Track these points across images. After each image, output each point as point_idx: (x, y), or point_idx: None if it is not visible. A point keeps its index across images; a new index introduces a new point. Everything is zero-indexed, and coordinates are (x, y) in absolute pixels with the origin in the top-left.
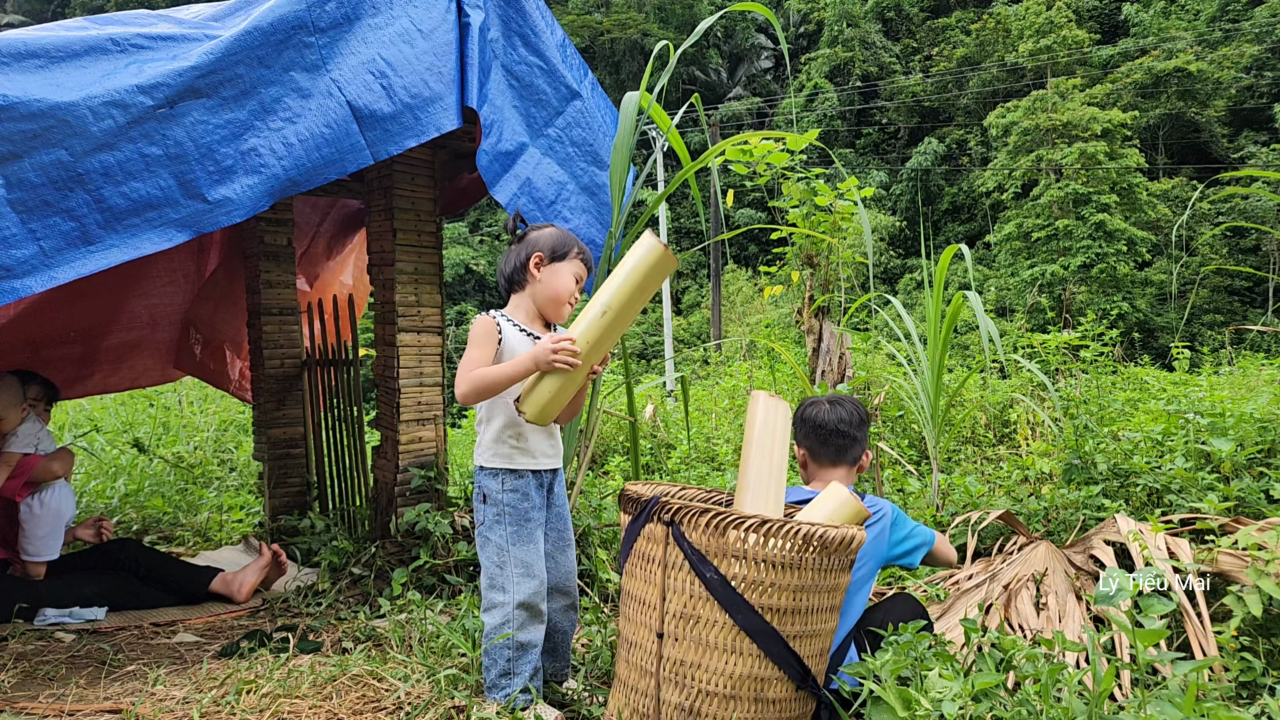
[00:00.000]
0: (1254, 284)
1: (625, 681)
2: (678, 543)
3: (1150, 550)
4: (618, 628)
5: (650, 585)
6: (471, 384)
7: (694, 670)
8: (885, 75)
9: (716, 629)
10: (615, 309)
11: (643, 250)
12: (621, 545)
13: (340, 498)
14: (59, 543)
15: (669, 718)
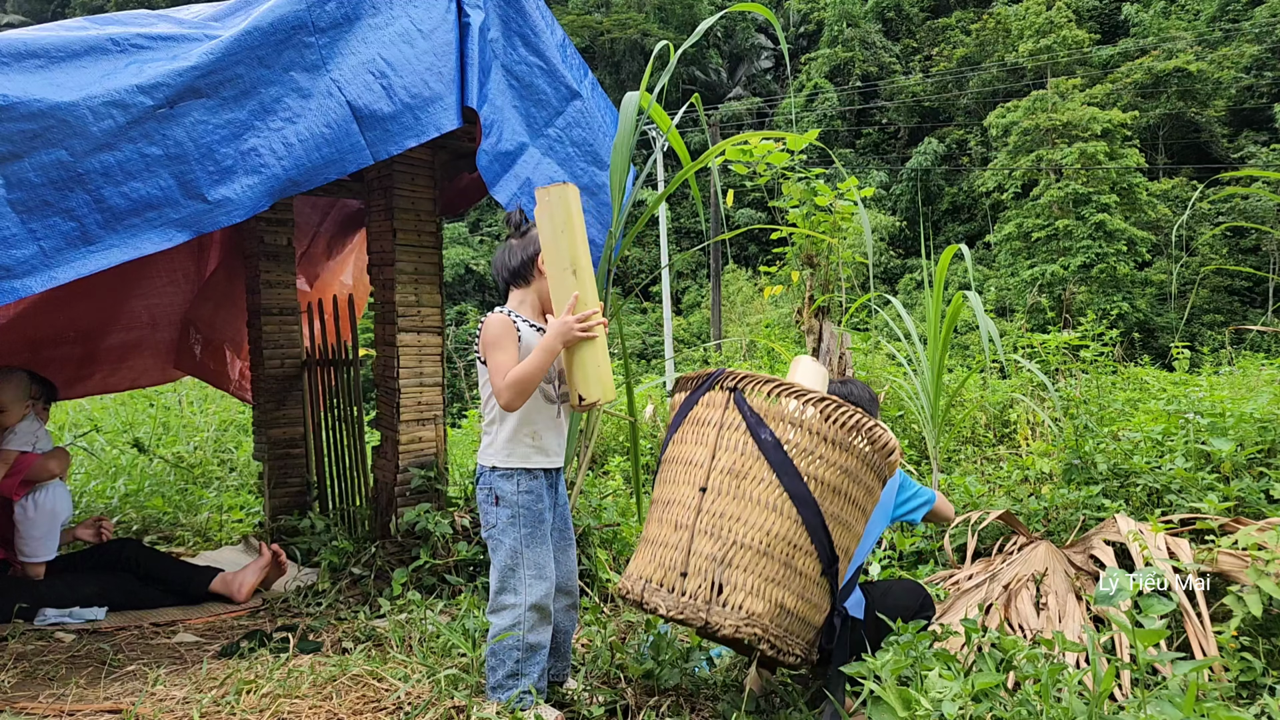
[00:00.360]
0: (1254, 284)
1: (654, 540)
2: (738, 406)
3: (1150, 550)
4: (653, 496)
5: (701, 445)
6: (515, 389)
7: (732, 522)
8: (885, 75)
9: (762, 486)
10: (580, 263)
11: (554, 201)
12: (672, 421)
13: (340, 498)
14: (55, 543)
15: (697, 567)
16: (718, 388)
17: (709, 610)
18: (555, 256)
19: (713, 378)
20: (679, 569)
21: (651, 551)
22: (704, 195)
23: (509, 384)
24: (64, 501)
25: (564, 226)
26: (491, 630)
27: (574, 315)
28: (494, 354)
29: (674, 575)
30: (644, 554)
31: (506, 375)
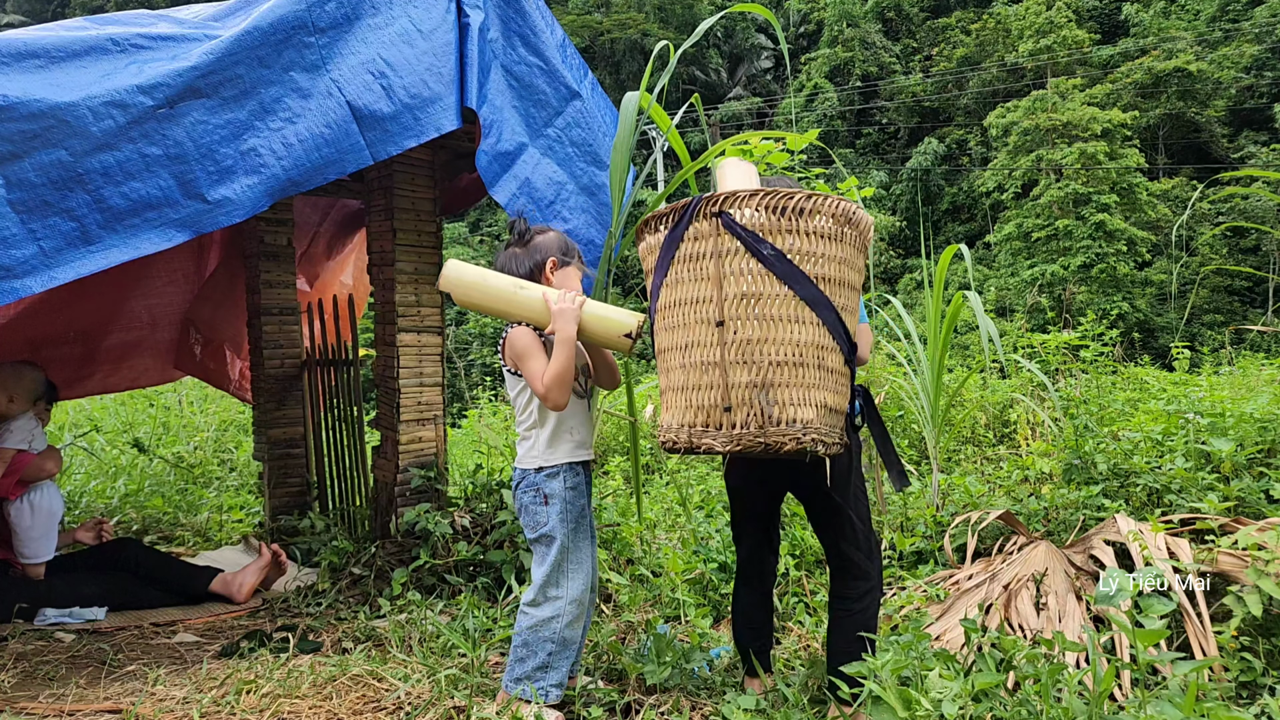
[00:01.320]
0: (1254, 284)
1: (681, 387)
2: (729, 229)
3: (1150, 550)
4: (657, 348)
5: (702, 281)
6: (558, 385)
7: (761, 345)
8: (885, 75)
9: (779, 302)
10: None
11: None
12: (657, 264)
13: (340, 498)
14: (53, 543)
15: (740, 398)
16: (701, 217)
17: (765, 434)
18: (499, 295)
19: (690, 208)
20: (721, 405)
21: (684, 398)
22: None
23: (550, 384)
24: (58, 501)
25: (479, 277)
26: (527, 621)
27: (554, 304)
28: (528, 363)
29: (718, 413)
30: (676, 403)
31: (545, 378)
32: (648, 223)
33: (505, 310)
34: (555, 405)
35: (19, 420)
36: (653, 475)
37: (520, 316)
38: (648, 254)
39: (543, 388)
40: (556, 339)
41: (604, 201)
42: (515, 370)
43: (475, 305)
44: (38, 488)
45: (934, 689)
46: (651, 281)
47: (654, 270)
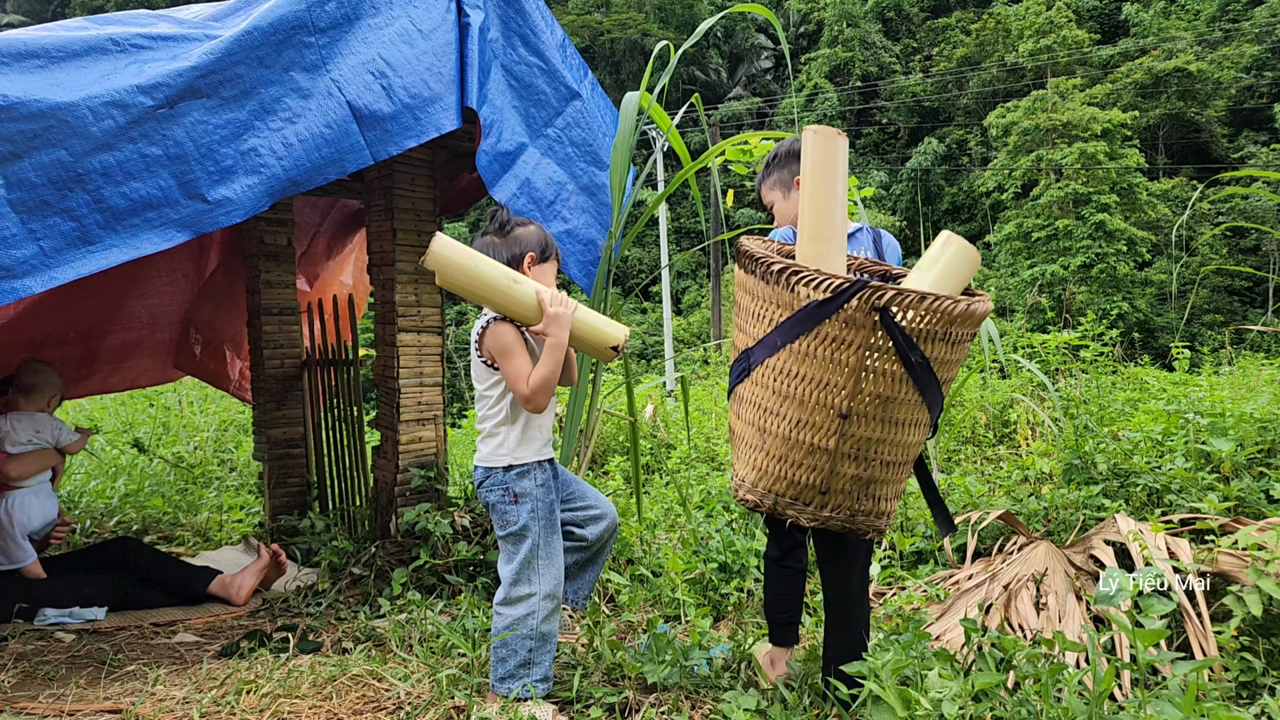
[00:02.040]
0: (1254, 284)
1: (775, 455)
2: (887, 329)
3: (1150, 550)
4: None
5: (838, 367)
6: (544, 390)
7: (877, 445)
8: (885, 75)
9: (908, 407)
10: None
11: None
12: (786, 323)
13: (340, 498)
14: (22, 553)
15: (840, 487)
16: (860, 304)
17: (853, 520)
18: (488, 283)
19: (854, 290)
20: (818, 487)
21: (776, 466)
22: (704, 195)
23: (536, 388)
24: (38, 512)
25: (471, 260)
26: (503, 621)
27: (550, 307)
28: (511, 362)
29: (812, 492)
30: (764, 466)
31: (530, 380)
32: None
33: (491, 300)
34: (537, 408)
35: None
36: (653, 475)
37: (506, 310)
38: (763, 300)
39: (528, 390)
40: (548, 343)
41: (604, 201)
42: (492, 363)
43: (459, 288)
44: (13, 496)
45: (934, 689)
46: (765, 329)
47: (776, 323)
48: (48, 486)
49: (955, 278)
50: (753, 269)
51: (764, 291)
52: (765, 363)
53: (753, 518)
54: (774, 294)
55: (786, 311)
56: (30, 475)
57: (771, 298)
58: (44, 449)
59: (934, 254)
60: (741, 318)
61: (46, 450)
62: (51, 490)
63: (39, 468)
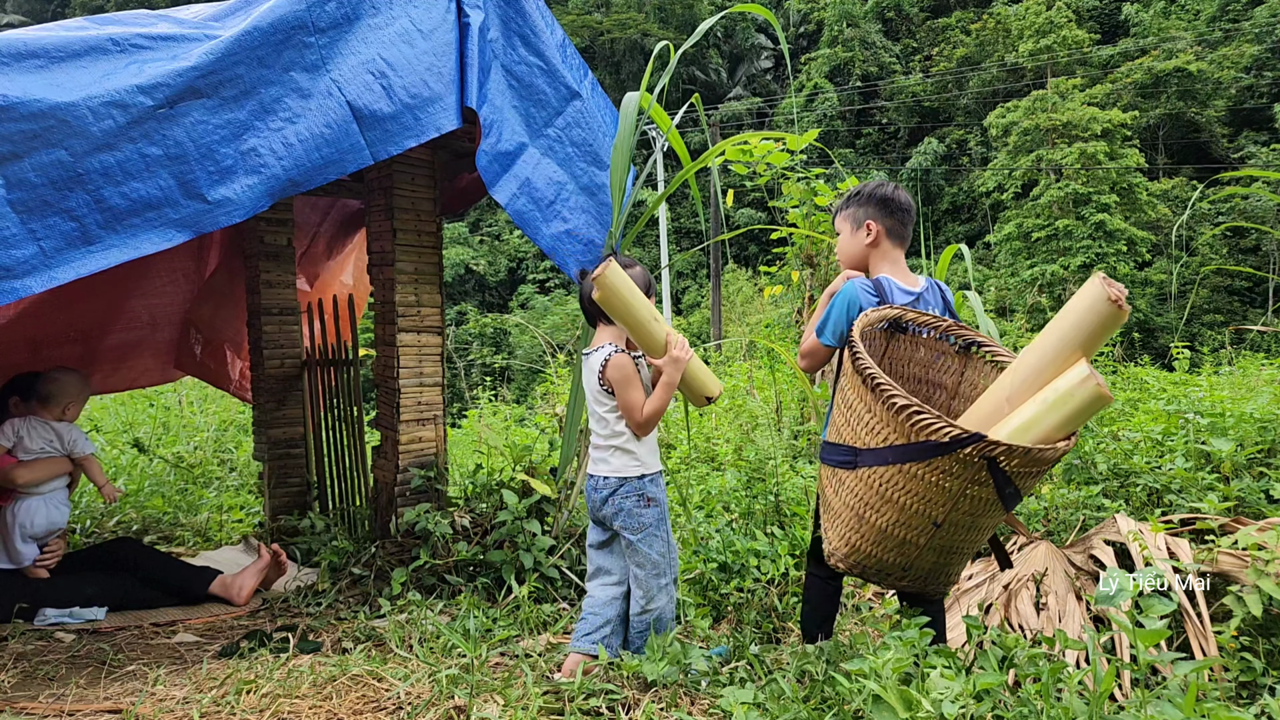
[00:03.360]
0: (1254, 284)
1: (872, 536)
2: (993, 474)
3: (1150, 550)
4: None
5: (941, 492)
6: (654, 420)
7: (962, 542)
8: (885, 75)
9: (991, 520)
10: (653, 312)
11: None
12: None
13: (340, 498)
14: (19, 555)
15: (919, 570)
16: (972, 453)
17: (923, 589)
18: (637, 315)
19: (970, 441)
20: (901, 567)
21: (870, 549)
22: (704, 195)
23: (648, 417)
24: (42, 518)
25: (629, 294)
26: (652, 610)
27: (674, 350)
28: (628, 392)
29: (896, 569)
30: (860, 547)
31: (644, 411)
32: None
33: (633, 327)
34: (645, 433)
35: (9, 421)
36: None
37: (641, 339)
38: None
39: (641, 418)
40: (663, 379)
41: (604, 201)
42: (610, 390)
43: (612, 310)
44: (22, 501)
45: (935, 689)
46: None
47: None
48: (62, 494)
49: (1077, 420)
50: (879, 396)
51: (882, 414)
52: (873, 467)
53: (752, 518)
54: (894, 421)
55: (903, 440)
56: (40, 482)
57: (890, 422)
58: (56, 457)
59: (1066, 390)
60: (852, 415)
61: (58, 458)
62: (66, 498)
63: (49, 475)
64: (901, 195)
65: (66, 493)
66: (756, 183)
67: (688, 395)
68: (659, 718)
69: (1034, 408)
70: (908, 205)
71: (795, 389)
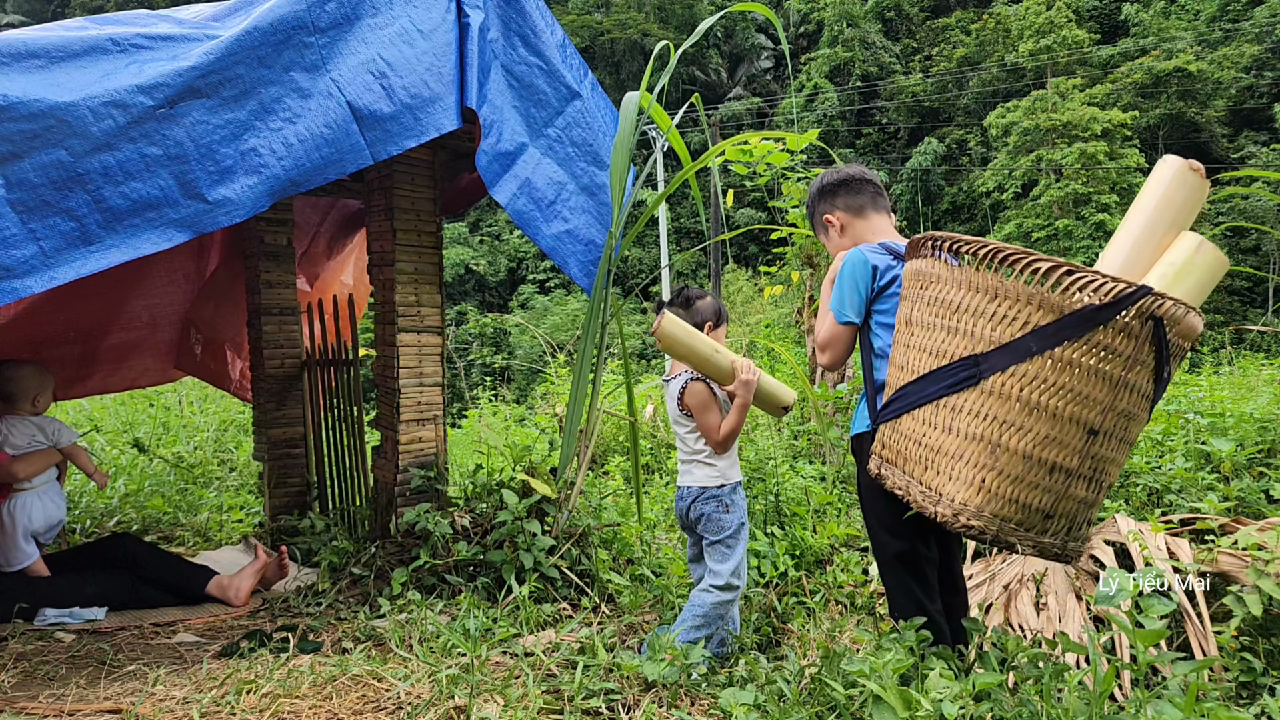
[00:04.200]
0: (1254, 284)
1: (1010, 475)
2: (1156, 343)
3: (1150, 550)
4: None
5: (1100, 380)
6: (731, 439)
7: (1109, 465)
8: (885, 75)
9: (1138, 425)
10: (714, 345)
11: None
12: (1055, 326)
13: (340, 498)
14: (22, 554)
15: (1065, 509)
16: (1139, 313)
17: (1065, 549)
18: (699, 354)
19: (1137, 295)
20: (1044, 510)
21: (1011, 489)
22: (704, 195)
23: (725, 436)
24: (40, 515)
25: (688, 337)
26: (712, 597)
27: (742, 375)
28: (706, 415)
29: (1038, 517)
30: (998, 489)
31: (721, 431)
32: (1049, 273)
33: (699, 365)
34: (723, 451)
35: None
36: (653, 475)
37: (707, 372)
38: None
39: (719, 438)
40: (737, 402)
41: (604, 201)
42: (689, 413)
43: (676, 354)
44: (17, 497)
45: (934, 689)
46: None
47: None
48: (55, 487)
49: (1205, 290)
50: (998, 264)
51: (1015, 290)
52: (1009, 369)
53: (752, 518)
54: (1033, 294)
55: (1051, 315)
56: (37, 474)
57: (1028, 298)
58: (46, 449)
59: (1186, 259)
60: (960, 318)
61: (48, 450)
62: (59, 490)
63: (45, 466)
64: (837, 174)
65: (59, 486)
66: (756, 183)
67: (764, 409)
68: (659, 718)
69: (1156, 283)
70: (848, 176)
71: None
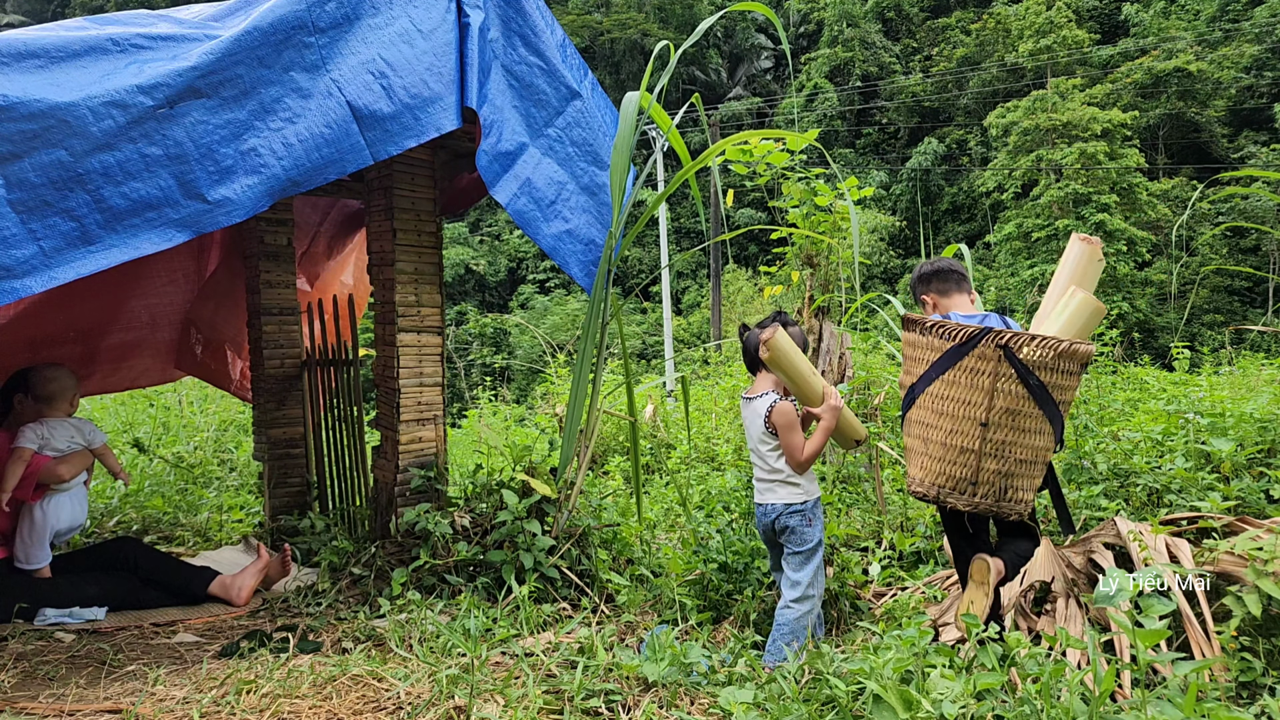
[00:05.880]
0: (1254, 284)
1: (938, 458)
2: (1010, 360)
3: (1150, 551)
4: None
5: (976, 390)
6: (813, 459)
7: (1011, 447)
8: (885, 75)
9: (1031, 419)
10: (810, 367)
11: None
12: (936, 362)
13: (340, 498)
14: (44, 554)
15: (985, 479)
16: (988, 344)
17: (998, 505)
18: (800, 370)
19: (982, 336)
20: (969, 480)
21: (939, 466)
22: (704, 195)
23: (808, 457)
24: (67, 512)
25: (794, 353)
26: (793, 614)
27: (831, 400)
28: (791, 435)
29: (965, 484)
30: (929, 467)
31: (805, 451)
32: (934, 327)
33: (796, 381)
34: (802, 471)
35: (33, 424)
36: (653, 475)
37: (802, 391)
38: (921, 348)
39: (802, 458)
40: (822, 424)
41: (604, 201)
42: (774, 432)
43: (779, 367)
44: (51, 497)
45: (935, 689)
46: (923, 369)
47: (930, 363)
48: (83, 490)
49: (1077, 325)
50: (915, 329)
51: (922, 342)
52: (925, 391)
53: (752, 518)
54: (929, 343)
55: (937, 353)
56: (76, 475)
57: (927, 345)
58: (83, 451)
59: (1061, 305)
60: (908, 364)
61: (84, 452)
62: (85, 493)
63: (83, 467)
64: (933, 265)
65: (85, 489)
66: (756, 183)
67: (839, 440)
68: (659, 718)
69: (1041, 324)
70: (938, 267)
71: None
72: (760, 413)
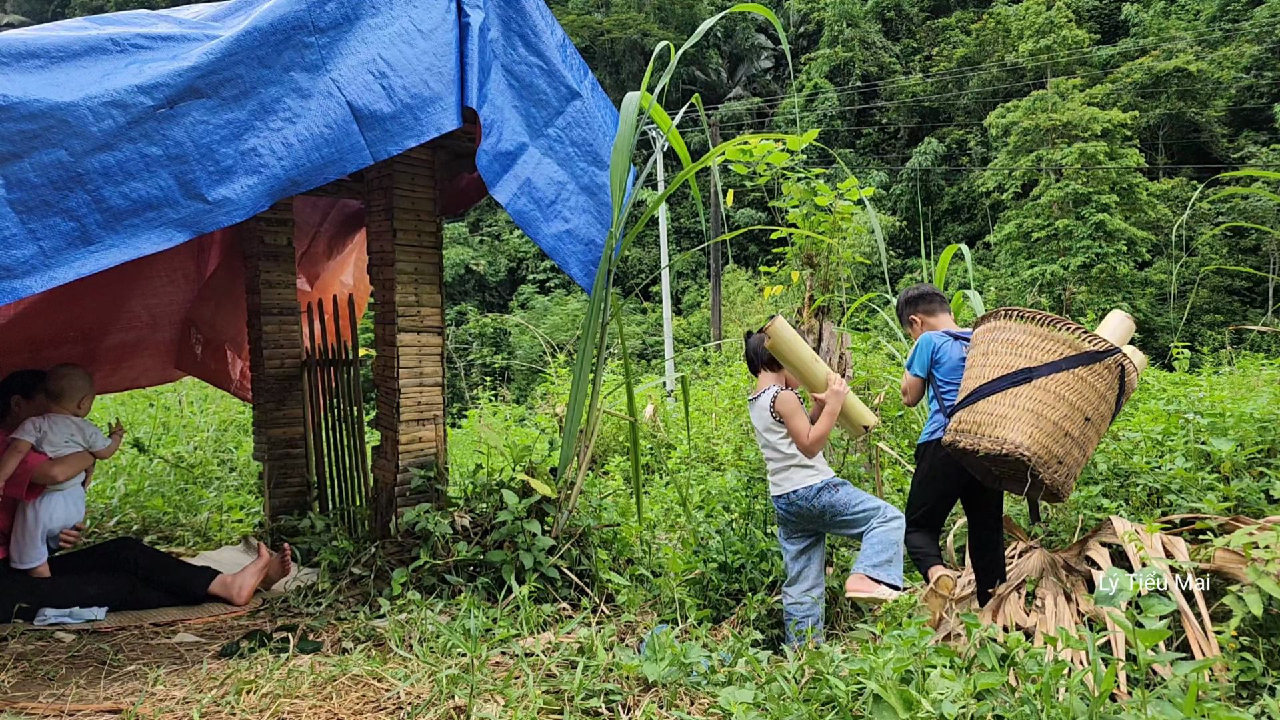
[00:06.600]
0: (1254, 284)
1: (1048, 433)
2: (1120, 378)
3: (1147, 551)
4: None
5: (1093, 391)
6: (819, 443)
7: (1089, 444)
8: (885, 75)
9: (1105, 425)
10: (812, 353)
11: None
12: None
13: (340, 498)
14: (37, 553)
15: (1069, 462)
16: (1114, 361)
17: (1064, 485)
18: (802, 356)
19: (1109, 354)
20: (1058, 459)
21: (1045, 440)
22: (704, 195)
23: (814, 440)
24: (61, 516)
25: (794, 340)
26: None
27: (834, 385)
28: (794, 420)
29: (1053, 459)
30: (1037, 438)
31: (810, 434)
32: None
33: (798, 367)
34: (810, 454)
35: (32, 419)
36: (653, 475)
37: (805, 377)
38: (1054, 341)
39: (808, 441)
40: (827, 408)
41: (604, 201)
42: (780, 420)
43: (782, 354)
44: (45, 498)
45: (935, 689)
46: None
47: (1064, 356)
48: (80, 490)
49: (1125, 337)
50: (1048, 325)
51: (1057, 336)
52: (1051, 376)
53: (753, 518)
54: (1066, 339)
55: (1073, 351)
56: (72, 476)
57: (1063, 341)
58: (81, 452)
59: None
60: (1021, 348)
61: (83, 453)
62: (82, 494)
63: (80, 469)
64: (915, 291)
65: (83, 490)
66: (756, 183)
67: (847, 427)
68: (659, 718)
69: None
70: (921, 292)
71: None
72: (765, 405)
